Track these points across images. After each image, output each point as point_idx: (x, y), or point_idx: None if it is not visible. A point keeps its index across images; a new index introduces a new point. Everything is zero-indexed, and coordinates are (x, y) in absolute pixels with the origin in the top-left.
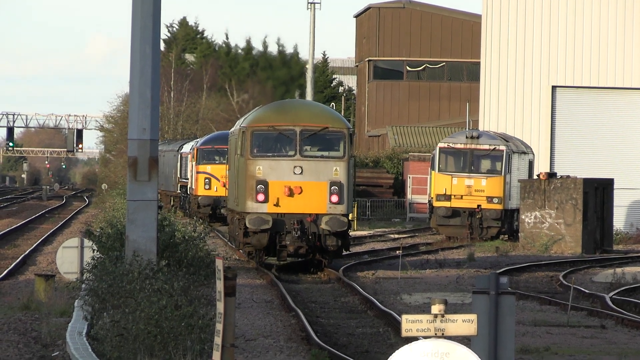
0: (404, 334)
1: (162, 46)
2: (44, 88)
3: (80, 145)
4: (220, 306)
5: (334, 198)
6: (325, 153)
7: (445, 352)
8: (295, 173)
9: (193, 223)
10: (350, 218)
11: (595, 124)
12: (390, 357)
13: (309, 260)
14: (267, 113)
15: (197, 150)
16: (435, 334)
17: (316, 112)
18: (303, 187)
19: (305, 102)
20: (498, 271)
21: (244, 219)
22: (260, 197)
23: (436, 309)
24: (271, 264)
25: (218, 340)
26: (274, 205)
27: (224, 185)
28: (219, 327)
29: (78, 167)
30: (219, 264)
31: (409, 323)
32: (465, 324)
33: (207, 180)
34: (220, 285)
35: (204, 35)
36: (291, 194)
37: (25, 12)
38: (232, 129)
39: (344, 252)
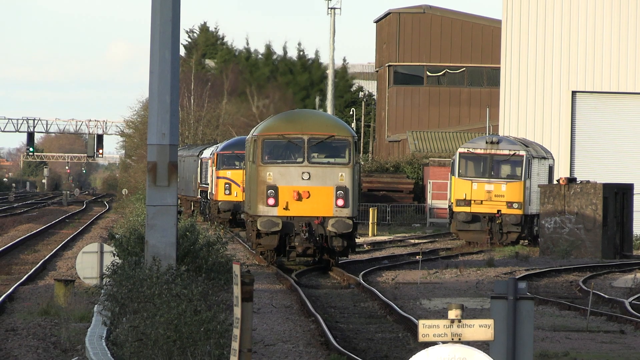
0: (420, 339)
1: (183, 52)
2: (65, 93)
3: (100, 151)
4: (237, 311)
5: (340, 202)
6: (332, 160)
7: (462, 357)
8: (303, 178)
9: (216, 230)
10: (355, 220)
11: (615, 129)
12: None
13: (318, 260)
14: (277, 122)
15: (217, 155)
16: (452, 339)
17: (323, 121)
18: (311, 191)
19: (312, 112)
20: (517, 276)
21: (256, 221)
22: (271, 201)
23: (453, 314)
24: (291, 269)
25: (235, 345)
26: (284, 208)
27: (244, 191)
28: (236, 332)
29: (98, 172)
30: (236, 269)
31: (426, 328)
32: (482, 329)
33: (227, 185)
34: (237, 290)
35: (224, 40)
36: (300, 198)
37: (46, 18)
38: (248, 137)
39: (351, 253)
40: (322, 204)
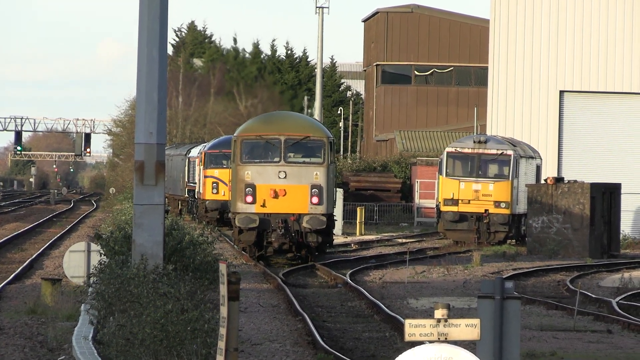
0: (407, 338)
1: (171, 50)
2: (53, 92)
3: (88, 149)
4: (223, 310)
5: (315, 199)
6: (307, 159)
7: (449, 356)
8: (280, 177)
9: (202, 228)
10: (331, 217)
11: (602, 128)
12: None
13: (303, 257)
14: (255, 124)
15: (204, 154)
16: (439, 338)
17: (299, 123)
18: (287, 189)
19: (290, 114)
20: (504, 276)
21: (235, 218)
22: (249, 198)
23: (439, 313)
24: (278, 268)
25: (221, 344)
26: (261, 206)
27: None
28: (223, 331)
29: (86, 171)
30: (223, 268)
31: (412, 328)
32: (469, 328)
33: (214, 184)
34: (223, 289)
35: (212, 39)
36: (276, 196)
37: (34, 16)
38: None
39: (328, 248)
40: (298, 202)
